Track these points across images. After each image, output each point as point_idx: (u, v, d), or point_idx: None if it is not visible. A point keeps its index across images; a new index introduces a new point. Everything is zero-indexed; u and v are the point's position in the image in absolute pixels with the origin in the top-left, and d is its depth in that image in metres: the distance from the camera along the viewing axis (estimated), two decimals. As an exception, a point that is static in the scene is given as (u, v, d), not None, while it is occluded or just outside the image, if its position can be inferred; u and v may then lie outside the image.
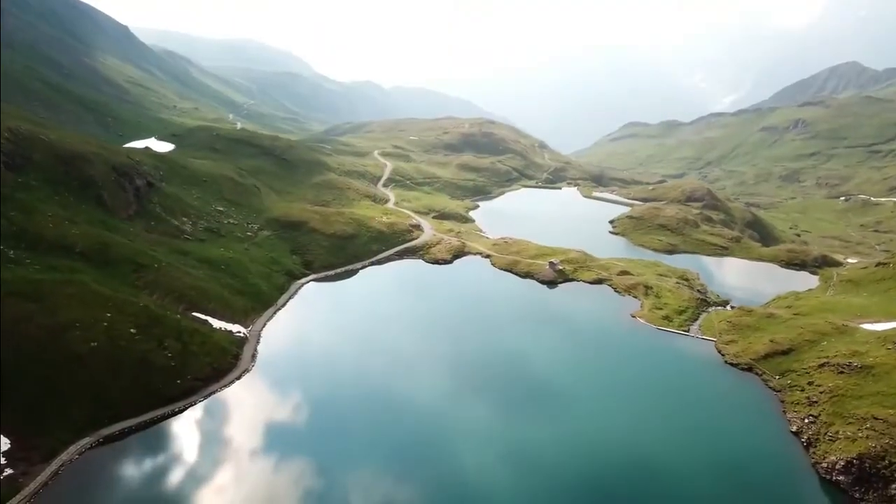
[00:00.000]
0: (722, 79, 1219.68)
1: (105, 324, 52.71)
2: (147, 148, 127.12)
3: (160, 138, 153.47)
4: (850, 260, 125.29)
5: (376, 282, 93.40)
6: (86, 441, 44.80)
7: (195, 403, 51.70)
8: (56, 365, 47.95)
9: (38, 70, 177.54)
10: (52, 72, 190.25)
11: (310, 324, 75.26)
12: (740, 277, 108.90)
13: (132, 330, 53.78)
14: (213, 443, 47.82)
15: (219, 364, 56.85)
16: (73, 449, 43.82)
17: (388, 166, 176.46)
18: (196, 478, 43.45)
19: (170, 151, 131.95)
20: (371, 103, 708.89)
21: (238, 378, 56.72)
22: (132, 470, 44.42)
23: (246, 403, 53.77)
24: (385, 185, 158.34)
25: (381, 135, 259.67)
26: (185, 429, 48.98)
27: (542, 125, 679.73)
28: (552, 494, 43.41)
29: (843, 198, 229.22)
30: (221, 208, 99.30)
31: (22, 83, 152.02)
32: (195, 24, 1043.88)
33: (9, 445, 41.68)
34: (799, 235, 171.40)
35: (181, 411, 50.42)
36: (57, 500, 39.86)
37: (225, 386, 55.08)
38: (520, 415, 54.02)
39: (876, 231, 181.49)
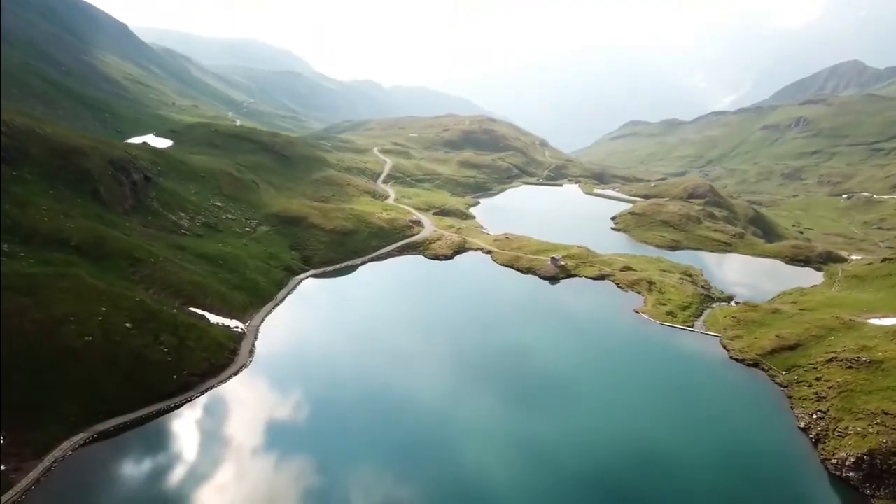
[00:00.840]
0: (722, 79, 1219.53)
1: (100, 318, 51.78)
2: (145, 143, 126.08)
3: (158, 135, 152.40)
4: (854, 257, 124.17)
5: (376, 277, 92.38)
6: (79, 437, 43.92)
7: (191, 399, 50.80)
8: (49, 359, 47.06)
9: (37, 67, 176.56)
10: (50, 69, 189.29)
11: (308, 319, 74.29)
12: (744, 273, 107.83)
13: (127, 324, 52.83)
14: (210, 439, 46.81)
15: (216, 359, 55.96)
16: (66, 445, 42.96)
17: (388, 163, 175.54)
18: (192, 475, 42.47)
19: (168, 147, 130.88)
20: (371, 102, 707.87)
21: (235, 373, 55.85)
22: (126, 466, 43.44)
23: (243, 399, 52.80)
24: (385, 182, 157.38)
25: (381, 132, 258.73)
26: (181, 425, 48.01)
27: (543, 125, 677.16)
28: (558, 491, 42.42)
29: (845, 195, 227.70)
30: (220, 203, 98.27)
31: (20, 80, 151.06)
32: (195, 24, 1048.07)
33: (1, 441, 40.68)
34: (802, 233, 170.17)
35: (177, 407, 49.51)
36: (49, 496, 38.94)
37: (222, 381, 54.19)
38: (523, 411, 53.04)
39: (879, 228, 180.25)
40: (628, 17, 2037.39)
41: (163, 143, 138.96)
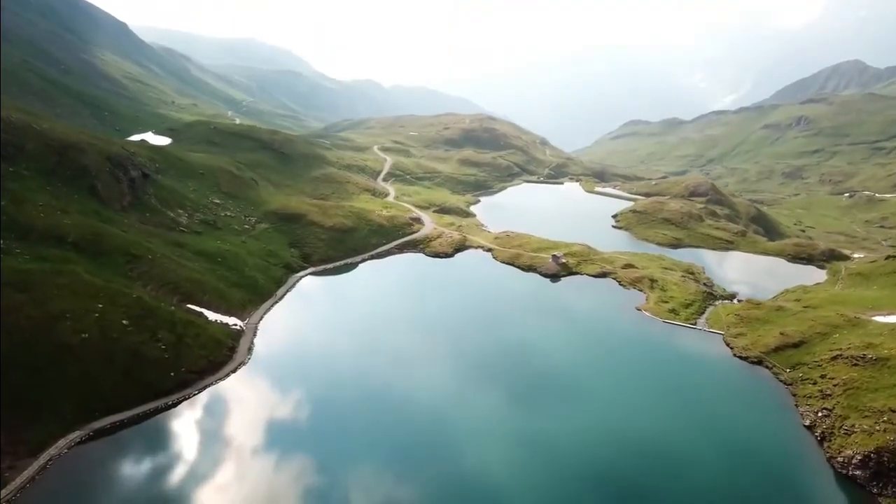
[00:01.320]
0: (722, 79, 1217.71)
1: (97, 315, 51.16)
2: (143, 141, 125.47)
3: (157, 133, 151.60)
4: (856, 255, 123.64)
5: (376, 275, 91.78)
6: (76, 435, 43.35)
7: (189, 396, 50.21)
8: (46, 356, 46.48)
9: (36, 65, 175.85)
10: (49, 67, 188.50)
11: (308, 317, 73.65)
12: (746, 271, 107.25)
13: (125, 321, 52.20)
14: (208, 437, 46.20)
15: (214, 356, 55.36)
16: (62, 443, 42.38)
17: (388, 161, 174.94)
18: (189, 473, 41.84)
19: (167, 145, 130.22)
20: (371, 102, 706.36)
21: (234, 371, 55.26)
22: (123, 465, 42.82)
23: (242, 397, 52.20)
24: (385, 180, 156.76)
25: (381, 131, 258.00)
26: (179, 423, 47.40)
27: (543, 124, 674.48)
28: (560, 491, 41.82)
29: (847, 194, 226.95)
30: (218, 201, 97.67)
31: (19, 78, 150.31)
32: (195, 23, 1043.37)
33: (-3, 439, 40.13)
34: (804, 231, 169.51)
35: (175, 405, 48.90)
36: (44, 494, 38.33)
37: (220, 379, 53.58)
38: (525, 410, 52.39)
39: (882, 227, 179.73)
40: (628, 17, 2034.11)
41: (162, 140, 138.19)
